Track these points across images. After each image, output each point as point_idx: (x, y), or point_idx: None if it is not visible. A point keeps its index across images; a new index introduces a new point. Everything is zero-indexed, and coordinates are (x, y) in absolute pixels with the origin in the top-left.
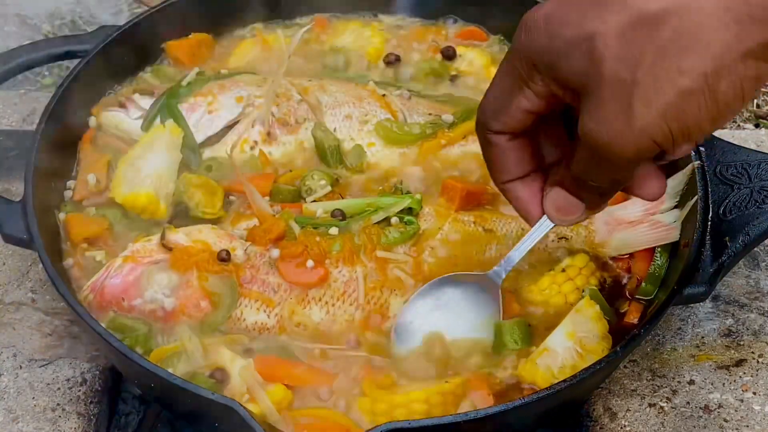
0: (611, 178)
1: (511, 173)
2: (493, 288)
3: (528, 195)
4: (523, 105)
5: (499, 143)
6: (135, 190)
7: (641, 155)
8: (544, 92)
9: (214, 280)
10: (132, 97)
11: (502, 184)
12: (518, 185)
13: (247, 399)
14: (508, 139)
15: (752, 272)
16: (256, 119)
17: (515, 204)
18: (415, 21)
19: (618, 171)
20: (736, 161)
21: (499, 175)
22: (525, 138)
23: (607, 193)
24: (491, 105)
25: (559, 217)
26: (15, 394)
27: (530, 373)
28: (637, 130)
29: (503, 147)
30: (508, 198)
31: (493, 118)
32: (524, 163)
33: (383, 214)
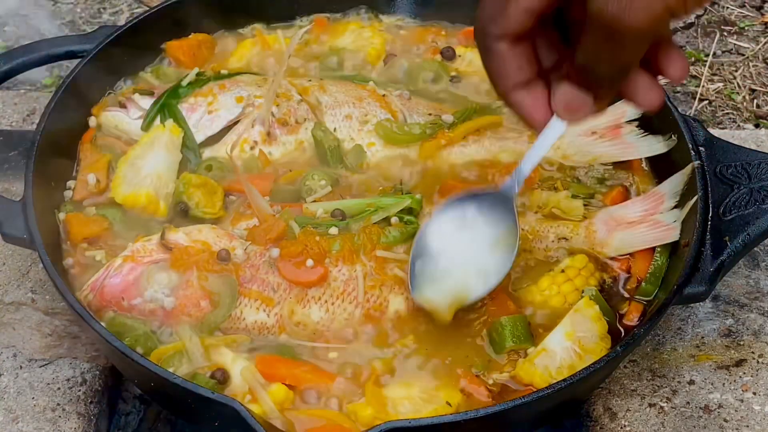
0: (619, 61)
1: (512, 78)
2: (508, 201)
3: (532, 101)
4: (522, 4)
5: (500, 49)
6: (135, 190)
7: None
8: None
9: (214, 279)
10: (132, 97)
11: (505, 93)
12: (521, 92)
13: (249, 399)
14: (507, 43)
15: (752, 272)
16: (256, 119)
17: (520, 111)
18: (415, 21)
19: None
20: (736, 161)
21: (502, 82)
22: (524, 43)
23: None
24: (490, 10)
25: (568, 114)
26: (15, 394)
27: (528, 374)
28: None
29: (503, 53)
30: (513, 106)
31: (492, 21)
32: (525, 68)
33: (383, 214)
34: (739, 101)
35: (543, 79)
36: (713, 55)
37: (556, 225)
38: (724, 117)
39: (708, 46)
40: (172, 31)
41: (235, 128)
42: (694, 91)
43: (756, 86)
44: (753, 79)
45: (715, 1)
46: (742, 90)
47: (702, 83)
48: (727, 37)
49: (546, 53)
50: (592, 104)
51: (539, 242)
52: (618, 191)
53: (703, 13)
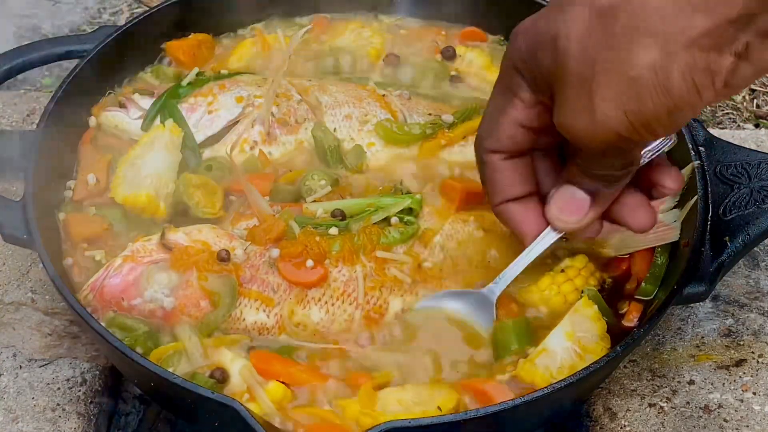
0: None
1: (504, 193)
2: (488, 304)
3: (522, 214)
4: (513, 117)
5: (494, 162)
6: (135, 190)
7: (611, 145)
8: (531, 100)
9: (213, 279)
10: (132, 97)
11: (497, 206)
12: (512, 206)
13: (248, 398)
14: (502, 158)
15: (752, 272)
16: (256, 119)
17: (509, 224)
18: (415, 21)
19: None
20: (736, 161)
21: (494, 196)
22: (520, 160)
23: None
24: (486, 124)
25: (563, 217)
26: (15, 394)
27: (529, 374)
28: (599, 123)
29: (498, 166)
30: (503, 219)
31: (488, 135)
32: (518, 184)
33: (383, 214)
34: (739, 101)
35: (537, 197)
36: None
37: None
38: (724, 117)
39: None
40: (172, 31)
41: (235, 128)
42: None
43: (756, 86)
44: None
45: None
46: (742, 90)
47: None
48: None
49: (546, 178)
50: (589, 206)
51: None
52: None
53: None
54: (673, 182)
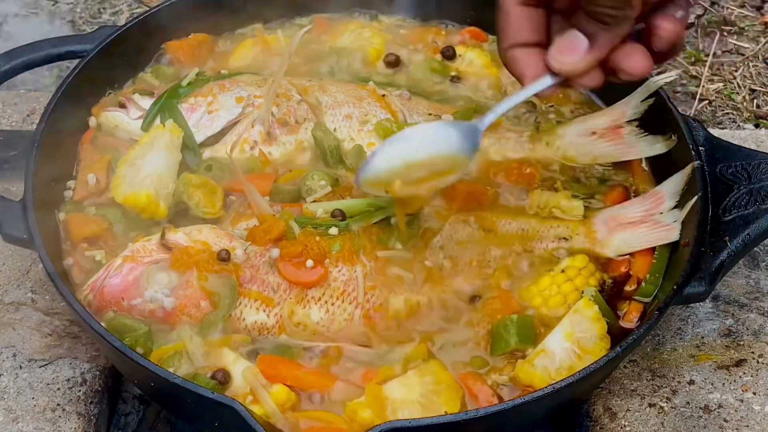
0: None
1: (513, 37)
2: (476, 132)
3: (525, 57)
4: None
5: (509, 6)
6: (135, 190)
7: None
8: None
9: (213, 279)
10: (132, 97)
11: (505, 50)
12: (518, 50)
13: (251, 400)
14: (517, 3)
15: (752, 272)
16: (256, 119)
17: (513, 66)
18: (415, 21)
19: None
20: (736, 161)
21: (503, 38)
22: (534, 10)
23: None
24: None
25: (560, 57)
26: (15, 394)
27: (527, 375)
28: None
29: (511, 10)
30: (507, 61)
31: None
32: (527, 30)
33: (383, 214)
34: (739, 101)
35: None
36: (713, 55)
37: (556, 225)
38: (724, 117)
39: (708, 46)
40: (172, 31)
41: (235, 128)
42: (694, 91)
43: (756, 86)
44: (753, 79)
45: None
46: (742, 90)
47: (702, 83)
48: (727, 37)
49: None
50: (587, 48)
51: (539, 242)
52: (618, 191)
53: (704, 13)
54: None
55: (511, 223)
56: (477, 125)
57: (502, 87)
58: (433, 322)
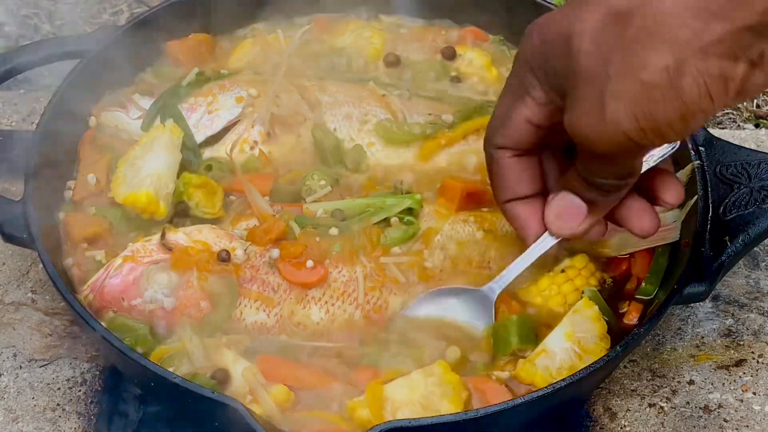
0: (613, 171)
1: (511, 191)
2: (488, 303)
3: (527, 213)
4: (524, 114)
5: (503, 159)
6: (135, 190)
7: (620, 149)
8: (543, 99)
9: (214, 280)
10: (132, 97)
11: (503, 203)
12: (519, 204)
13: (250, 400)
14: (511, 155)
15: (752, 272)
16: (256, 119)
17: (514, 223)
18: (415, 21)
19: (615, 164)
20: (736, 161)
21: (500, 193)
22: (528, 158)
23: (612, 192)
24: (496, 121)
25: (559, 223)
26: (15, 394)
27: (528, 374)
28: (609, 124)
29: (506, 163)
30: (508, 217)
31: (497, 132)
32: (526, 182)
33: (383, 215)
34: None
35: (543, 197)
36: None
37: None
38: (724, 117)
39: None
40: (172, 31)
41: (235, 128)
42: None
43: None
44: None
45: None
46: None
47: None
48: None
49: (554, 176)
50: (586, 214)
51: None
52: None
53: None
54: (673, 197)
55: None
56: (488, 294)
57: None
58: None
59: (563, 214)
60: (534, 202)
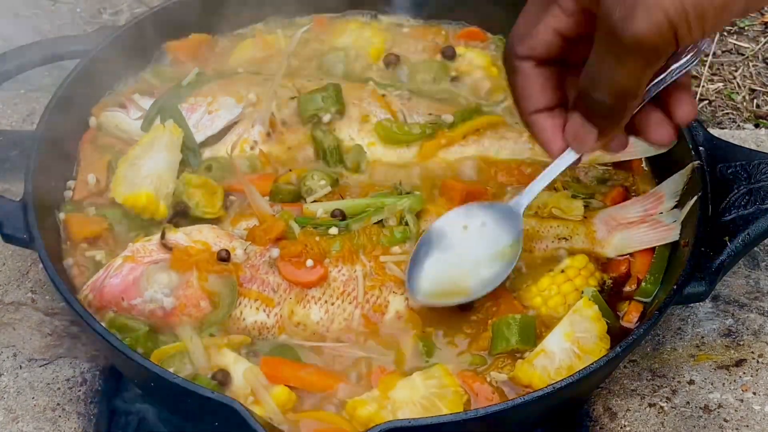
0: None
1: (535, 101)
2: (515, 216)
3: (552, 127)
4: (551, 24)
5: (525, 69)
6: (135, 190)
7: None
8: (571, 7)
9: (213, 279)
10: (132, 97)
11: (528, 115)
12: (543, 117)
13: (252, 401)
14: (533, 65)
15: (752, 272)
16: (256, 119)
17: (539, 136)
18: (415, 21)
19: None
20: (736, 161)
21: (524, 104)
22: (551, 69)
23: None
24: (519, 30)
25: (574, 143)
26: (15, 394)
27: (527, 375)
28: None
29: (529, 74)
30: (533, 131)
31: (520, 42)
32: (549, 92)
33: (383, 215)
34: (738, 101)
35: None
36: (713, 55)
37: (556, 225)
38: (724, 117)
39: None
40: (172, 31)
41: (235, 128)
42: (694, 91)
43: (756, 86)
44: (753, 79)
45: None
46: (742, 90)
47: (702, 83)
48: (726, 37)
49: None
50: (596, 136)
51: (539, 242)
52: (618, 191)
53: None
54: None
55: None
56: (514, 208)
57: (502, 87)
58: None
59: (577, 135)
60: (558, 114)
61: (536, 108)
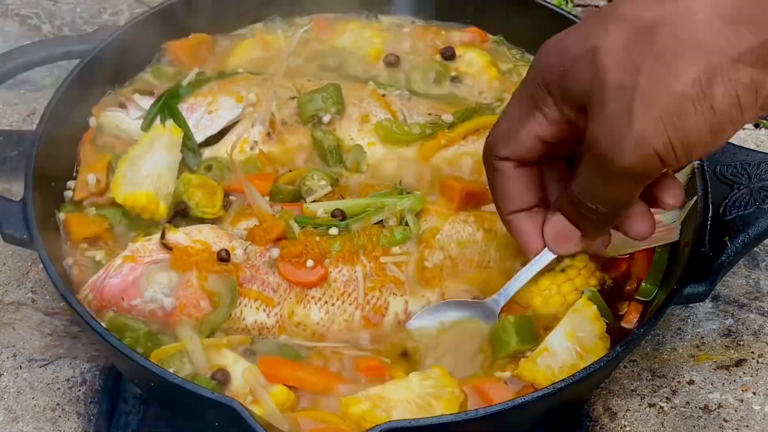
0: (611, 198)
1: (515, 203)
2: (492, 315)
3: (530, 227)
4: (534, 131)
5: (505, 171)
6: (135, 190)
7: (642, 164)
8: (556, 117)
9: (213, 279)
10: (132, 97)
11: (506, 215)
12: (522, 217)
13: (251, 400)
14: (514, 166)
15: (752, 272)
16: (256, 119)
17: (517, 236)
18: (415, 21)
19: (616, 188)
20: (736, 161)
21: (503, 205)
22: (530, 169)
23: (604, 221)
24: (502, 132)
25: (556, 244)
26: (15, 394)
27: (531, 373)
28: (637, 135)
29: (509, 175)
30: (511, 230)
31: (503, 144)
32: (529, 193)
33: (383, 215)
34: None
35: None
36: None
37: None
38: None
39: None
40: (172, 31)
41: (235, 128)
42: None
43: None
44: None
45: None
46: None
47: None
48: None
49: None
50: (579, 239)
51: None
52: None
53: None
54: (673, 199)
55: None
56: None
57: (502, 87)
58: None
59: (558, 236)
60: (536, 213)
61: (516, 208)
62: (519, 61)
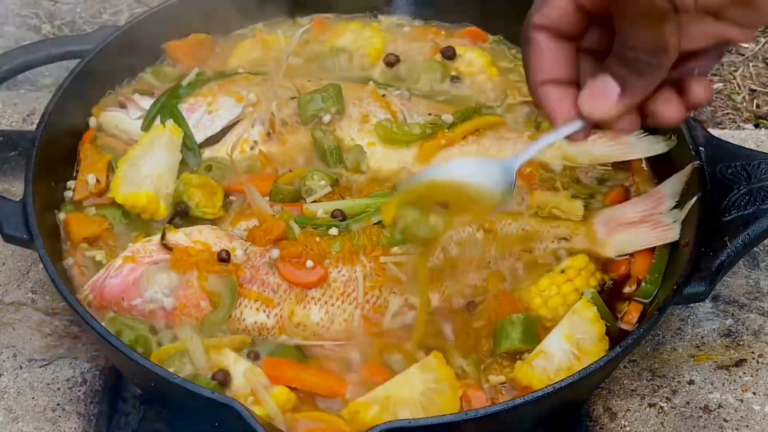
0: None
1: (546, 72)
2: (509, 172)
3: (558, 97)
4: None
5: (540, 40)
6: (135, 190)
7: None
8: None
9: (213, 280)
10: (132, 97)
11: (536, 85)
12: (551, 87)
13: (252, 401)
14: (548, 36)
15: (752, 272)
16: (256, 119)
17: (545, 104)
18: (415, 21)
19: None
20: (736, 161)
21: (534, 73)
22: (566, 44)
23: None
24: (538, 2)
25: (592, 103)
26: (15, 394)
27: (526, 376)
28: None
29: (543, 45)
30: (538, 99)
31: (538, 11)
32: (561, 66)
33: None
34: (738, 101)
35: (577, 89)
36: None
37: (556, 225)
38: (724, 117)
39: None
40: (172, 31)
41: (235, 128)
42: None
43: (756, 86)
44: (753, 79)
45: None
46: (741, 90)
47: None
48: None
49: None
50: (619, 95)
51: (539, 242)
52: (618, 191)
53: None
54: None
55: (510, 224)
56: (510, 164)
57: (502, 87)
58: (433, 322)
59: (596, 92)
60: (566, 88)
61: (545, 78)
62: (519, 61)
